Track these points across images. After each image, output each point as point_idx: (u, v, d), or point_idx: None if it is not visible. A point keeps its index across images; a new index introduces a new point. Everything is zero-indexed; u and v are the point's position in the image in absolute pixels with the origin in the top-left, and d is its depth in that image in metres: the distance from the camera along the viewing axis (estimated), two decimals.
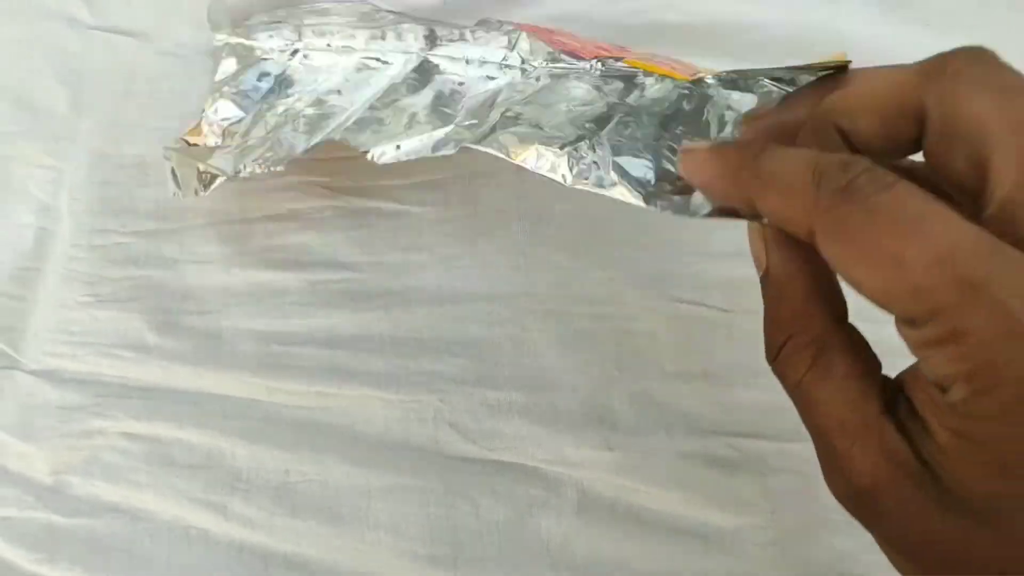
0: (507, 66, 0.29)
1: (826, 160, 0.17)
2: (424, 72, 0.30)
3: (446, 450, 0.30)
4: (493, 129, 0.25)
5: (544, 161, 0.24)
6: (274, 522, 0.29)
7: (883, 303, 0.16)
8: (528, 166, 0.24)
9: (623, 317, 0.30)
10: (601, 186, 0.24)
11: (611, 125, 0.25)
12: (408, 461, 0.30)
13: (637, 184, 0.23)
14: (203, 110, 0.30)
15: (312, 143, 0.28)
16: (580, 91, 0.27)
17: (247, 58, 0.30)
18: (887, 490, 0.17)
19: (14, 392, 0.31)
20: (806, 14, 0.33)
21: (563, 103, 0.26)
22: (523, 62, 0.29)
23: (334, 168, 0.32)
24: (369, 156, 0.26)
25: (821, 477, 0.29)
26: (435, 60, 0.30)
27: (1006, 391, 0.15)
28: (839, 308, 0.19)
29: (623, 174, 0.23)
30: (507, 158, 0.24)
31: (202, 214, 0.32)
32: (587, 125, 0.25)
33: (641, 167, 0.24)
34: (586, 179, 0.24)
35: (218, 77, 0.30)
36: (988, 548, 0.16)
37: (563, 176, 0.24)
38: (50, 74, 0.32)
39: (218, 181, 0.28)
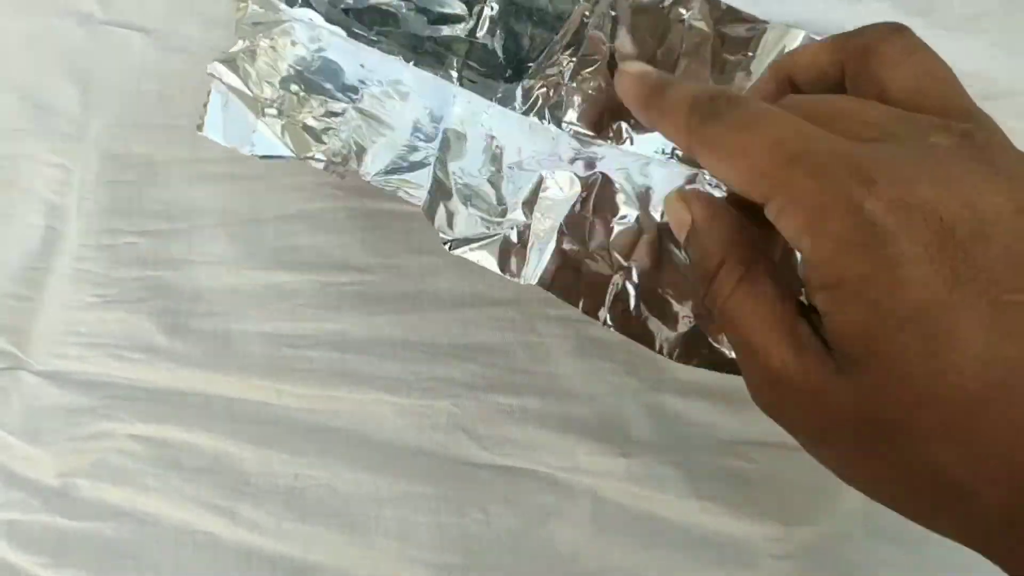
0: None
1: (701, 94, 0.21)
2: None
3: (458, 456, 0.30)
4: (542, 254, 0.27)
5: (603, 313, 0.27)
6: (283, 527, 0.29)
7: (744, 191, 0.20)
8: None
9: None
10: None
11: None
12: (419, 467, 0.30)
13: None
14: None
15: (386, 184, 0.27)
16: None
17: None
18: (795, 372, 0.19)
19: (21, 394, 0.30)
20: (826, 13, 0.32)
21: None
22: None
23: None
24: (444, 244, 0.27)
25: (838, 490, 0.29)
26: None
27: (835, 224, 0.18)
28: (763, 245, 0.22)
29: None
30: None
31: (212, 214, 0.31)
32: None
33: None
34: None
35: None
36: (873, 396, 0.18)
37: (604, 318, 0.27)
38: (60, 71, 0.32)
39: (279, 152, 0.27)
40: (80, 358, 0.30)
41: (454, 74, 0.29)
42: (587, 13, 0.28)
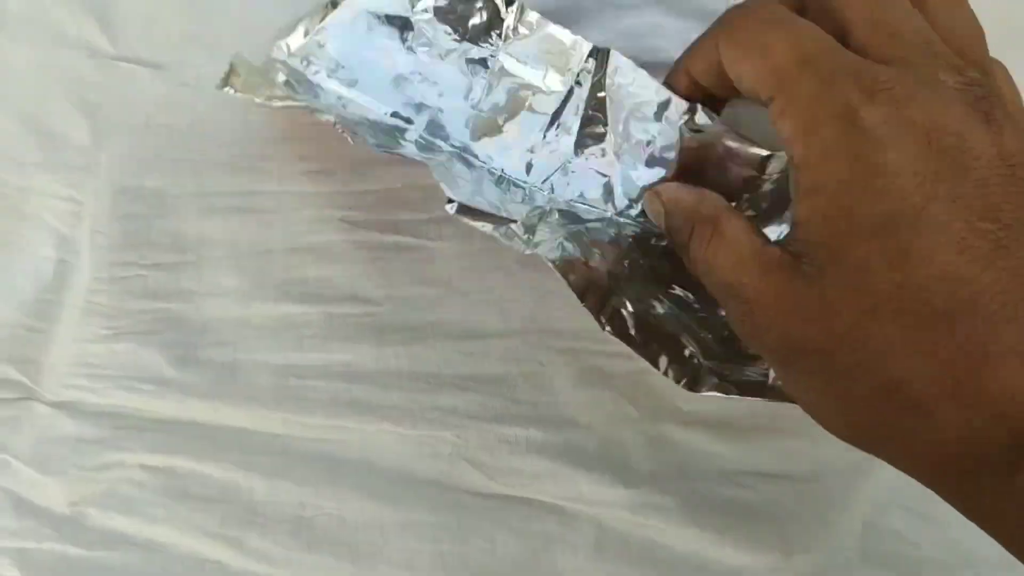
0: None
1: None
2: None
3: (462, 486, 0.30)
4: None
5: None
6: (290, 556, 0.30)
7: (752, 87, 0.21)
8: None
9: (640, 356, 0.30)
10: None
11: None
12: (424, 496, 0.30)
13: None
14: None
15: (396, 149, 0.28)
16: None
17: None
18: (765, 293, 0.20)
19: (32, 424, 0.31)
20: None
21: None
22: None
23: (352, 202, 0.32)
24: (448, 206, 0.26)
25: (838, 521, 0.30)
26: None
27: (828, 128, 0.19)
28: (725, 201, 0.24)
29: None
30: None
31: (221, 246, 0.31)
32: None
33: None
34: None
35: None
36: (836, 303, 0.19)
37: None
38: (70, 105, 0.32)
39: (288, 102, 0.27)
40: (91, 389, 0.31)
41: None
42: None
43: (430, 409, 0.30)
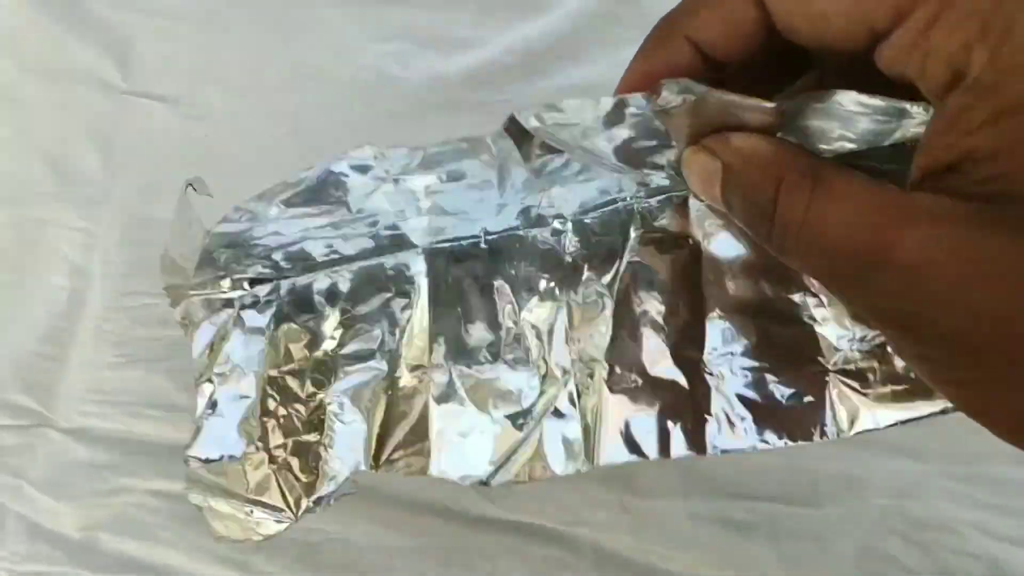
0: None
1: None
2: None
3: (466, 510, 0.31)
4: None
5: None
6: None
7: (858, 15, 0.16)
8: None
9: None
10: None
11: None
12: (429, 521, 0.30)
13: None
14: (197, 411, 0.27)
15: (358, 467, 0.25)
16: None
17: (221, 317, 0.26)
18: (944, 250, 0.15)
19: (46, 450, 0.31)
20: None
21: None
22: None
23: None
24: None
25: (836, 542, 0.30)
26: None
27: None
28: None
29: None
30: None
31: None
32: None
33: None
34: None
35: (196, 353, 0.26)
36: None
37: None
38: (83, 138, 0.33)
39: (273, 529, 0.25)
40: (102, 415, 0.31)
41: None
42: None
43: None
